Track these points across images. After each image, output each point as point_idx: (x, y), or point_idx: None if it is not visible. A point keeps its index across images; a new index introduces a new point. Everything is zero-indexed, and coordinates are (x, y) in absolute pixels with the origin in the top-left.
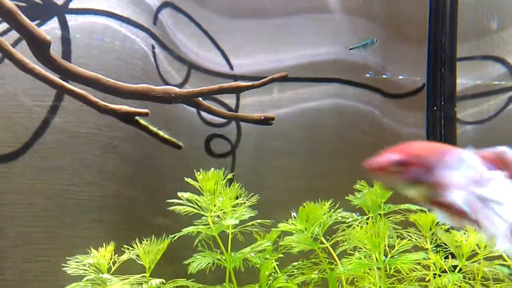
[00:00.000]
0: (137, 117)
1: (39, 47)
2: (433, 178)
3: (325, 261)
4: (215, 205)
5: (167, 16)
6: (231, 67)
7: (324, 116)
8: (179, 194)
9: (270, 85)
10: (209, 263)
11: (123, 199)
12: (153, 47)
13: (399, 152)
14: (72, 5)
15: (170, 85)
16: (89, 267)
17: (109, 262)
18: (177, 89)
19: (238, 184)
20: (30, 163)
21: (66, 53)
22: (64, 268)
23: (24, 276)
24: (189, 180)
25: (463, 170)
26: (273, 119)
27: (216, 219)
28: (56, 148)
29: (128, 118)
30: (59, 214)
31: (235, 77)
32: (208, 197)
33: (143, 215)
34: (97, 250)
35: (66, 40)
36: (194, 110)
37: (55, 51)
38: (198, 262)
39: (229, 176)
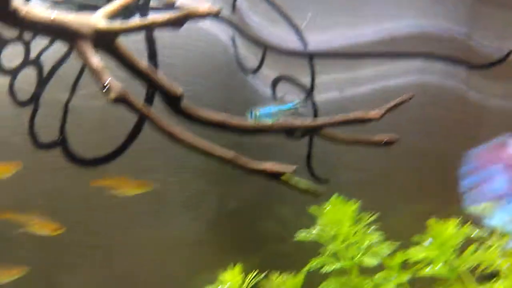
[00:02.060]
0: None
1: (172, 100)
2: None
3: None
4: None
5: (242, 0)
6: (306, 45)
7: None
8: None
9: (348, 62)
10: None
11: (218, 196)
12: (233, 36)
13: None
14: (153, 4)
15: (248, 71)
16: None
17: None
18: (298, 122)
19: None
20: (127, 164)
21: (152, 54)
22: None
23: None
24: (314, 209)
25: None
26: (395, 141)
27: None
28: (151, 148)
29: (275, 176)
30: (158, 214)
31: (310, 55)
32: (333, 228)
33: (242, 214)
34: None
35: (150, 41)
36: (269, 92)
37: (140, 51)
38: None
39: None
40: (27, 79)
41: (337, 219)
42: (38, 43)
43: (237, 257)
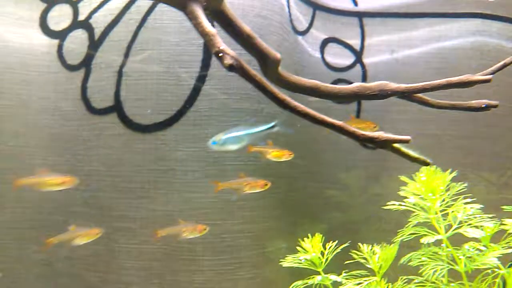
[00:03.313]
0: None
1: (270, 65)
2: None
3: None
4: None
5: None
6: (355, 3)
7: (464, 56)
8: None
9: (400, 22)
10: (444, 268)
11: (278, 163)
12: None
13: None
14: None
15: (298, 32)
16: (304, 261)
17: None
18: (393, 85)
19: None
20: (185, 131)
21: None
22: (280, 262)
23: (193, 239)
24: (404, 178)
25: None
26: (495, 106)
27: (438, 216)
28: (209, 115)
29: (385, 144)
30: (220, 180)
31: (359, 14)
32: (429, 197)
33: (299, 180)
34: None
35: None
36: (319, 56)
37: None
38: (432, 267)
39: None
40: (77, 42)
41: (430, 189)
42: (87, 4)
43: (305, 226)
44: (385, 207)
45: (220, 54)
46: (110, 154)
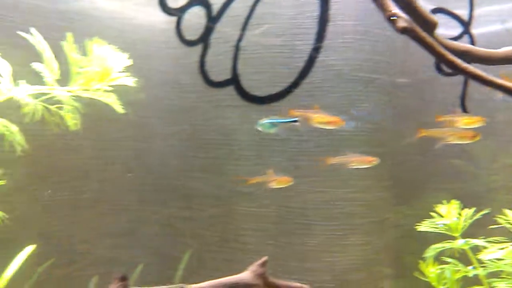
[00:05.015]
0: None
1: (428, 28)
2: None
3: None
4: None
5: None
6: None
7: None
8: None
9: None
10: None
11: (383, 132)
12: None
13: None
14: None
15: None
16: (443, 226)
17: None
18: None
19: None
20: (299, 102)
21: None
22: (416, 226)
23: (306, 205)
24: None
25: None
26: None
27: None
28: (322, 87)
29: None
30: (329, 149)
31: None
32: None
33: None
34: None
35: None
36: None
37: None
38: None
39: None
40: (195, 19)
41: None
42: None
43: (423, 197)
44: None
45: (393, 18)
46: (227, 124)
